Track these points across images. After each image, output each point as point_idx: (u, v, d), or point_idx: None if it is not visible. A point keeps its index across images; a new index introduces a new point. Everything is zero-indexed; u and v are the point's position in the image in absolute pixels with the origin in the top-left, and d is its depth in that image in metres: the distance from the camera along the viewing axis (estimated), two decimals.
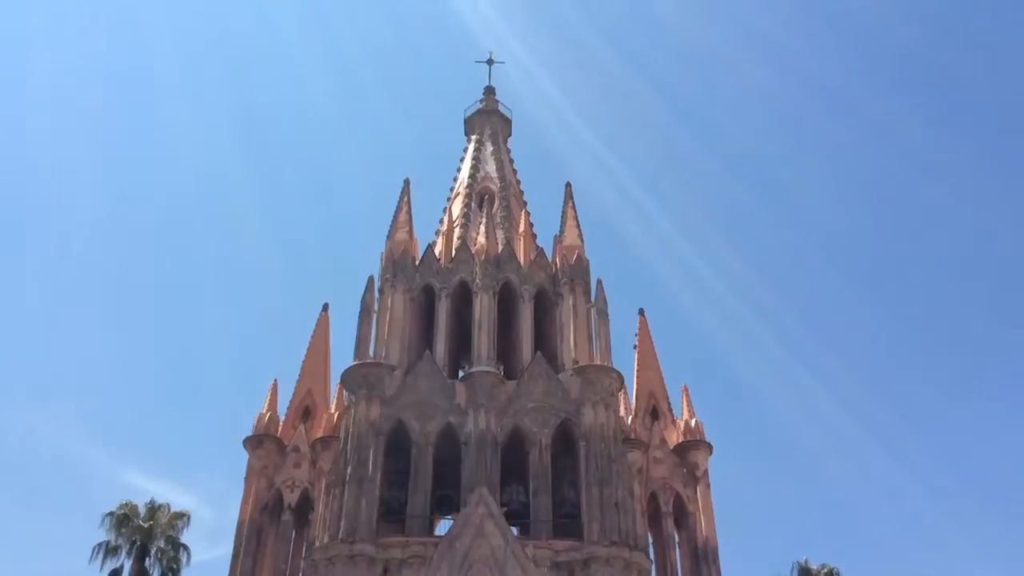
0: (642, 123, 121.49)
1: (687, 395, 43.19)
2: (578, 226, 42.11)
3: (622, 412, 40.01)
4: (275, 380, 43.61)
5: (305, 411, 42.52)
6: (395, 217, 42.18)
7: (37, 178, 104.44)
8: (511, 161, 49.28)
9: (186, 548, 35.35)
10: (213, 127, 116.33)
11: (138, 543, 34.46)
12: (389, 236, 41.49)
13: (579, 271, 40.28)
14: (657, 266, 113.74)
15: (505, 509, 33.93)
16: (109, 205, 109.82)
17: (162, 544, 34.96)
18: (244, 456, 40.89)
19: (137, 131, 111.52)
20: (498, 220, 43.50)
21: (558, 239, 42.03)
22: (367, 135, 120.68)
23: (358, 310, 39.09)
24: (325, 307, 46.46)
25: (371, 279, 40.17)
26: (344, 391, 38.45)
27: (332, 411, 41.62)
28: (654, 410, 42.64)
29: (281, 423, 41.92)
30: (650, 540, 38.30)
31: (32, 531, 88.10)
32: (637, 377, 43.76)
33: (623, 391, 39.86)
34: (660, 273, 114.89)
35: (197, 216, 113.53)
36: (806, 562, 34.61)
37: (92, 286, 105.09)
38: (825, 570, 34.30)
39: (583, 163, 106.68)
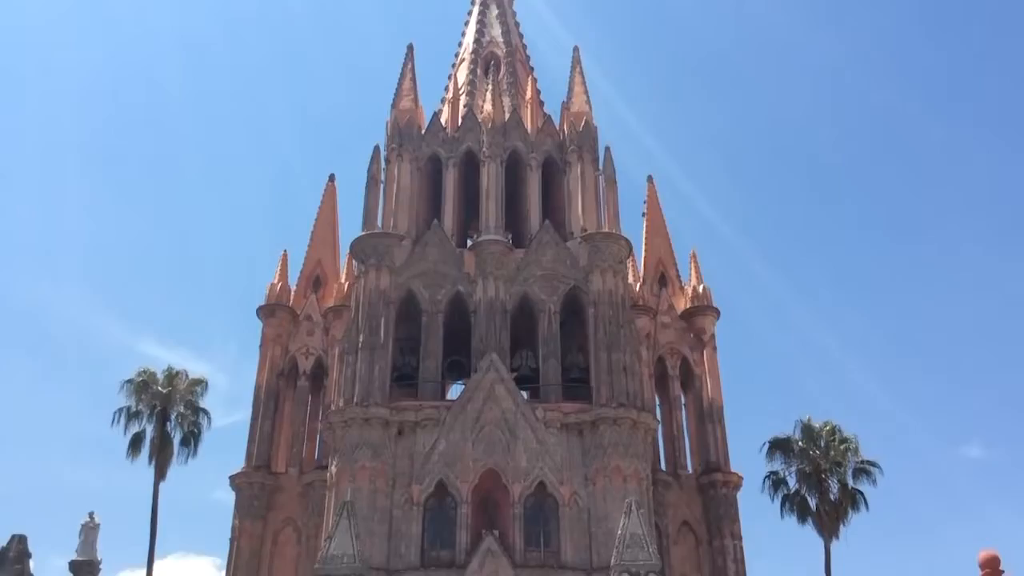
0: None
1: (695, 261, 43.40)
2: (586, 92, 41.25)
3: (630, 279, 40.29)
4: (285, 251, 44.06)
5: (316, 281, 43.03)
6: (399, 85, 41.36)
7: (34, 40, 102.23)
8: (517, 25, 47.89)
9: (206, 412, 36.37)
10: None
11: (158, 408, 35.38)
12: (394, 105, 40.79)
13: (587, 138, 39.73)
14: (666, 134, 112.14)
15: (515, 374, 34.68)
16: (115, 72, 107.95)
17: (182, 409, 35.88)
18: (257, 325, 41.71)
19: None
20: (504, 87, 42.66)
21: (565, 105, 41.27)
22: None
23: (365, 180, 38.91)
24: (331, 178, 46.36)
25: (377, 149, 39.77)
26: (353, 261, 38.72)
27: (342, 281, 42.09)
28: (662, 276, 42.96)
29: (292, 293, 42.50)
30: (657, 402, 39.30)
31: (52, 401, 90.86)
32: (645, 244, 43.89)
33: (631, 258, 40.01)
34: (669, 140, 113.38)
35: (206, 87, 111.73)
36: (809, 420, 35.32)
37: (101, 159, 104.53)
38: (828, 427, 35.02)
39: (591, 28, 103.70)
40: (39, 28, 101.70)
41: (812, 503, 33.86)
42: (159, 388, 35.66)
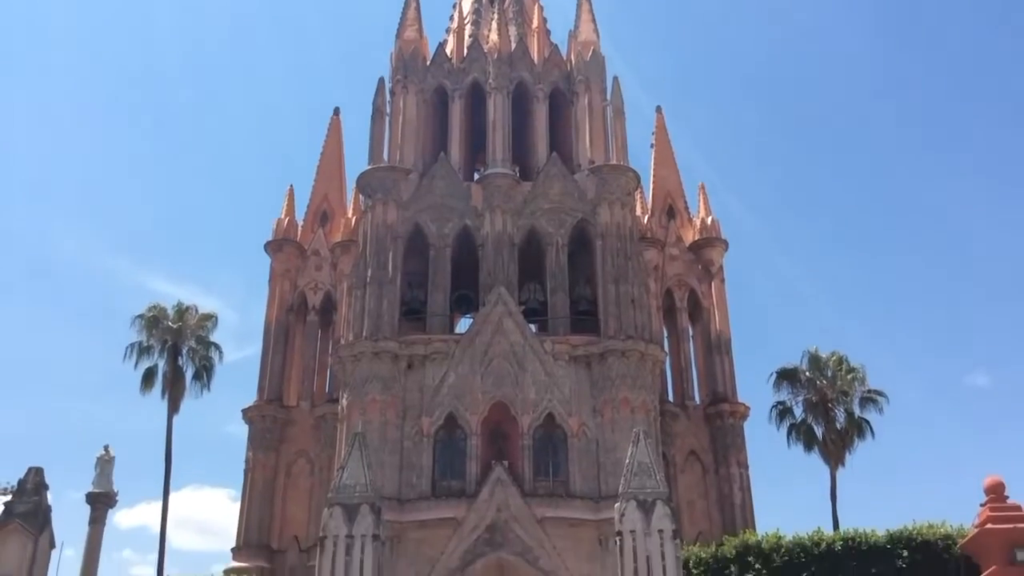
0: None
1: (704, 193, 43.13)
2: (593, 20, 40.44)
3: (638, 211, 40.10)
4: (291, 186, 43.89)
5: (323, 216, 42.95)
6: (403, 15, 40.61)
7: None
8: None
9: (217, 347, 36.67)
10: None
11: (169, 343, 35.66)
12: (398, 35, 40.11)
13: (595, 68, 39.09)
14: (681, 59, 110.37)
15: (523, 307, 34.73)
16: (112, 10, 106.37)
17: (193, 344, 36.16)
18: (265, 261, 41.81)
19: None
20: (510, 16, 41.87)
21: (572, 35, 40.52)
22: None
23: (370, 113, 38.51)
24: (336, 111, 45.92)
25: (381, 81, 39.25)
26: (360, 196, 38.54)
27: (349, 216, 41.99)
28: (670, 209, 42.74)
29: (300, 228, 42.46)
30: (665, 334, 39.43)
31: (64, 338, 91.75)
32: (654, 176, 43.55)
33: (639, 190, 39.73)
34: (679, 70, 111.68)
35: (209, 22, 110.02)
36: (816, 350, 35.45)
37: (105, 94, 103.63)
38: (834, 357, 35.15)
39: None
40: None
41: (818, 432, 34.18)
42: (169, 323, 35.89)
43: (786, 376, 35.39)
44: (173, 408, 35.23)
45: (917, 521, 16.13)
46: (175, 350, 35.67)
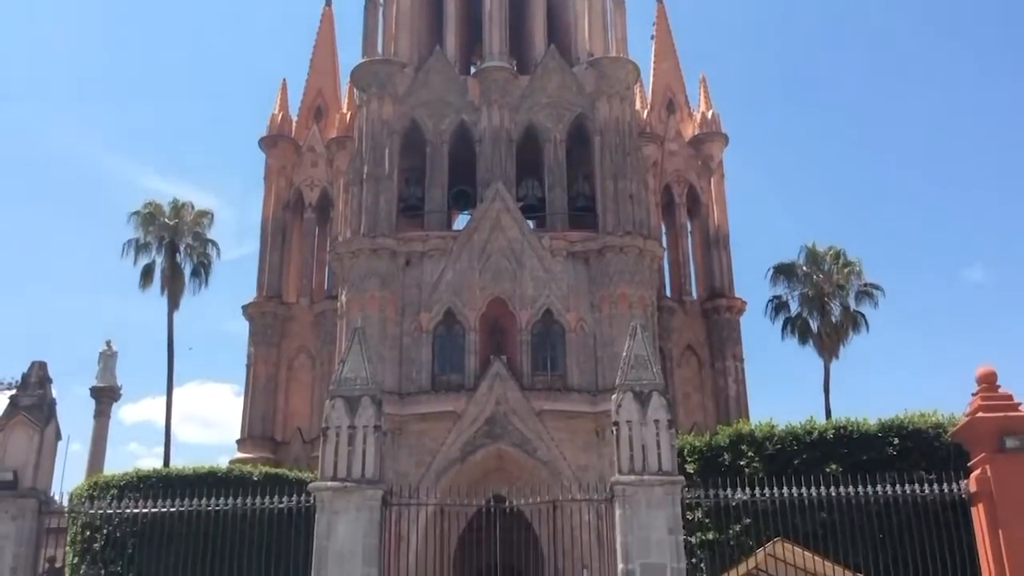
0: None
1: (704, 86, 42.36)
2: None
3: (638, 105, 39.47)
4: (283, 79, 43.09)
5: (317, 111, 42.30)
6: None
7: None
8: None
9: (215, 244, 36.65)
10: None
11: (167, 240, 35.61)
12: None
13: None
14: None
15: (521, 204, 34.57)
16: None
17: (190, 241, 36.12)
18: (260, 158, 41.36)
19: None
20: None
21: None
22: None
23: (363, 4, 37.42)
24: (328, 1, 44.67)
25: None
26: (355, 90, 37.85)
27: (344, 111, 41.35)
28: (670, 102, 42.09)
29: (294, 123, 41.88)
30: (663, 230, 39.38)
31: (59, 236, 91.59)
32: (654, 69, 42.72)
33: (639, 83, 39.01)
34: None
35: None
36: (813, 245, 35.43)
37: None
38: (832, 252, 35.16)
39: None
40: None
41: (813, 326, 34.48)
42: (166, 220, 35.77)
43: (783, 271, 35.49)
44: (173, 304, 35.42)
45: (909, 410, 16.42)
46: (172, 247, 35.65)
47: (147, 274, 35.42)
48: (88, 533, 16.70)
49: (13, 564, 14.03)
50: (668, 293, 38.31)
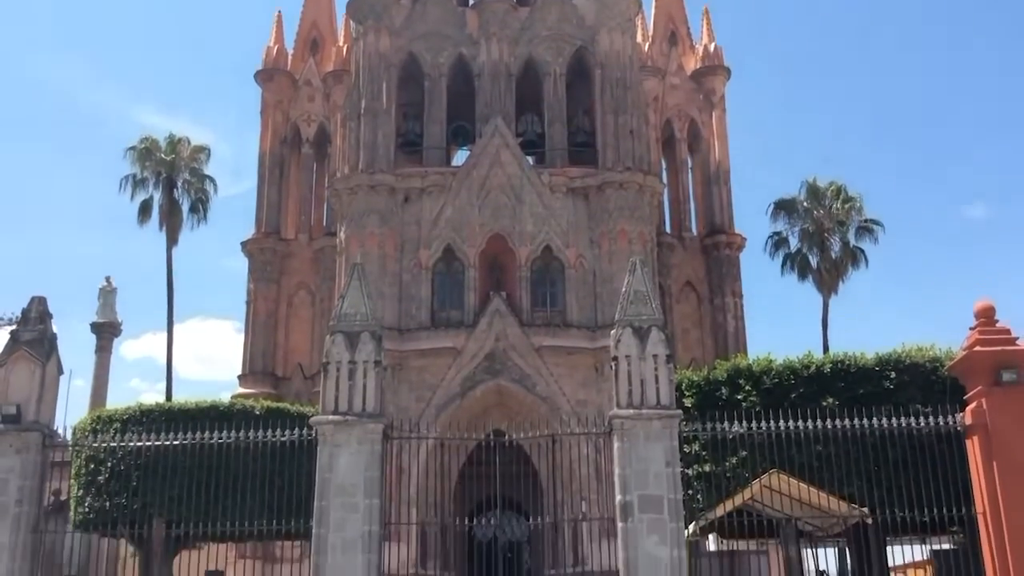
0: None
1: (707, 18, 41.64)
2: None
3: (639, 38, 38.82)
4: (278, 11, 42.34)
5: (313, 44, 41.64)
6: None
7: None
8: None
9: (212, 179, 36.36)
10: None
11: (164, 175, 35.36)
12: None
13: None
14: None
15: (520, 139, 34.28)
16: None
17: (187, 176, 35.86)
18: (256, 92, 40.85)
19: None
20: None
21: None
22: None
23: None
24: None
25: None
26: (351, 22, 37.19)
27: (340, 44, 40.72)
28: (672, 35, 41.41)
29: (290, 56, 41.27)
30: (663, 166, 39.10)
31: (56, 171, 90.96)
32: (656, 0, 41.95)
33: (640, 15, 38.33)
34: None
35: None
36: (814, 180, 35.18)
37: None
38: (833, 187, 34.92)
39: None
40: None
41: (813, 262, 34.45)
42: (162, 155, 35.46)
43: (783, 207, 35.31)
44: (171, 240, 35.31)
45: (907, 344, 16.47)
46: (170, 182, 35.42)
47: (145, 210, 35.25)
48: (92, 466, 16.89)
49: (18, 496, 14.21)
50: (668, 229, 38.23)
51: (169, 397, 31.51)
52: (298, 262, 38.49)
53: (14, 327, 15.15)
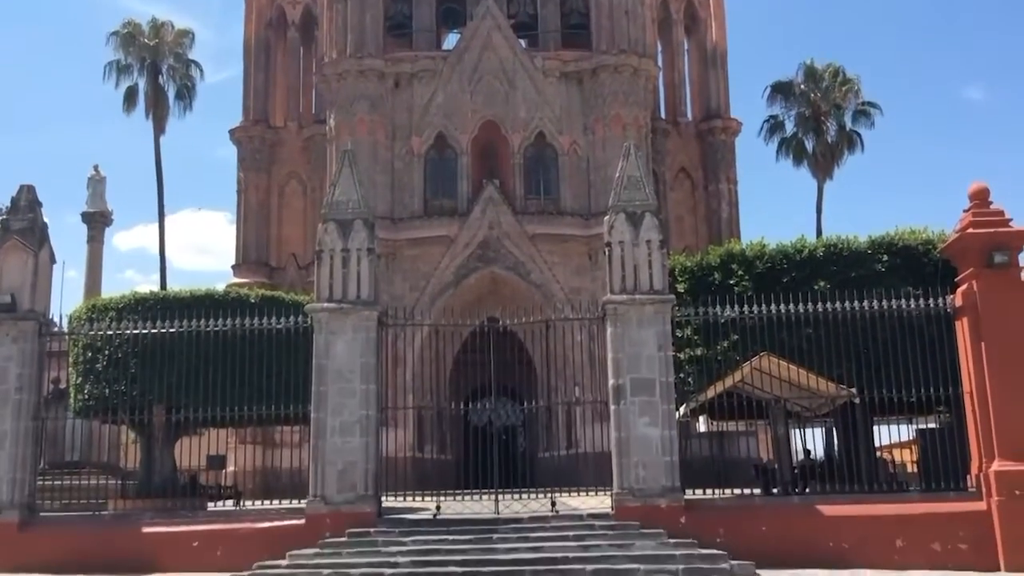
0: None
1: None
2: None
3: None
4: None
5: None
6: None
7: None
8: None
9: (197, 65, 35.59)
10: None
11: (148, 61, 34.52)
12: None
13: None
14: None
15: (513, 21, 33.40)
16: None
17: (172, 62, 35.04)
18: None
19: None
20: None
21: None
22: None
23: None
24: None
25: None
26: None
27: None
28: None
29: None
30: (659, 48, 38.21)
31: (37, 58, 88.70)
32: None
33: None
34: None
35: None
36: (812, 62, 34.52)
37: None
38: (831, 69, 34.28)
39: None
40: None
41: (809, 146, 34.14)
42: (146, 41, 34.56)
43: (780, 89, 34.76)
44: (159, 129, 34.80)
45: (900, 227, 16.44)
46: (155, 68, 34.64)
47: (130, 97, 34.58)
48: (90, 354, 16.98)
49: (18, 384, 14.38)
50: (663, 114, 37.66)
51: (164, 287, 31.59)
52: (288, 151, 37.98)
53: (4, 217, 14.96)
